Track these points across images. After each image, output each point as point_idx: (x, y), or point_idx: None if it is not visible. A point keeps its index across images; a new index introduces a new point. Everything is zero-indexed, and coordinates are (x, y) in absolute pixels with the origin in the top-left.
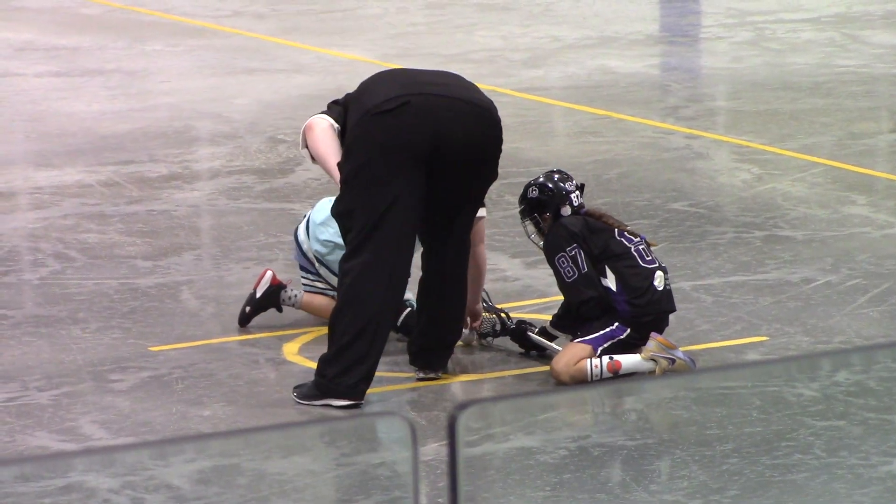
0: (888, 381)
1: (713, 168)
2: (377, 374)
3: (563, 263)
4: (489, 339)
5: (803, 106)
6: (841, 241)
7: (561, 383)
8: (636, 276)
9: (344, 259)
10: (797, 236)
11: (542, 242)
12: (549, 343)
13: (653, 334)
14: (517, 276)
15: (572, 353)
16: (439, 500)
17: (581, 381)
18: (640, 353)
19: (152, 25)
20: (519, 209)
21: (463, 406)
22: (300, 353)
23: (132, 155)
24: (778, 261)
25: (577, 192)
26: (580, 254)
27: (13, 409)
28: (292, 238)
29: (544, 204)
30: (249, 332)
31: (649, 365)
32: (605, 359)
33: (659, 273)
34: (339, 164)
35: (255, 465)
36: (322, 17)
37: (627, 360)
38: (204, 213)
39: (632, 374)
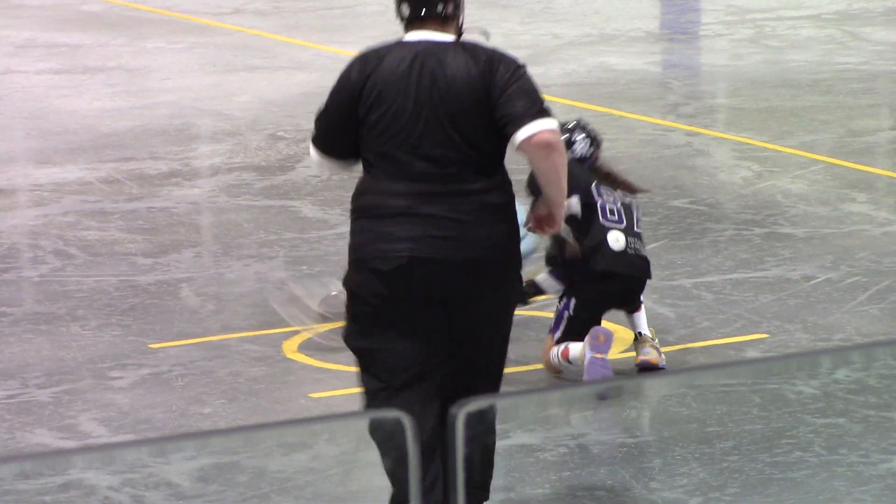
0: (888, 378)
1: (713, 165)
2: None
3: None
4: None
5: (803, 103)
6: (841, 239)
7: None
8: (589, 232)
9: None
10: (797, 233)
11: None
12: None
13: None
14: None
15: (546, 347)
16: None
17: (557, 372)
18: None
19: (153, 22)
20: None
21: (463, 404)
22: (300, 350)
23: (133, 152)
24: (778, 258)
25: (587, 143)
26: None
27: (13, 407)
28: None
29: None
30: (249, 330)
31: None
32: (561, 347)
33: (615, 233)
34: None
35: (255, 463)
36: (322, 15)
37: (574, 348)
38: (204, 210)
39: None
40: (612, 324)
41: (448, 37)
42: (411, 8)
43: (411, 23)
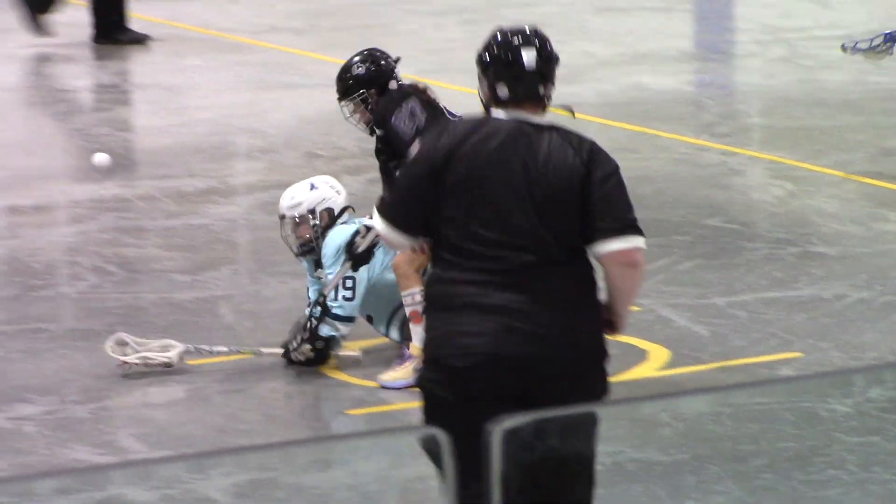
0: None
1: (747, 184)
2: (411, 390)
3: (399, 123)
4: None
5: (836, 122)
6: (874, 258)
7: None
8: None
9: None
10: (830, 253)
11: (363, 122)
12: None
13: None
14: None
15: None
16: None
17: None
18: None
19: (191, 40)
20: (342, 89)
21: (499, 421)
22: (337, 367)
23: (170, 169)
24: (811, 277)
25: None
26: (417, 105)
27: (51, 423)
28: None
29: (372, 80)
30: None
31: None
32: (419, 305)
33: None
34: None
35: (292, 479)
36: (359, 33)
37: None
38: (241, 227)
39: None
40: (646, 342)
41: (541, 118)
42: (511, 89)
43: (503, 103)
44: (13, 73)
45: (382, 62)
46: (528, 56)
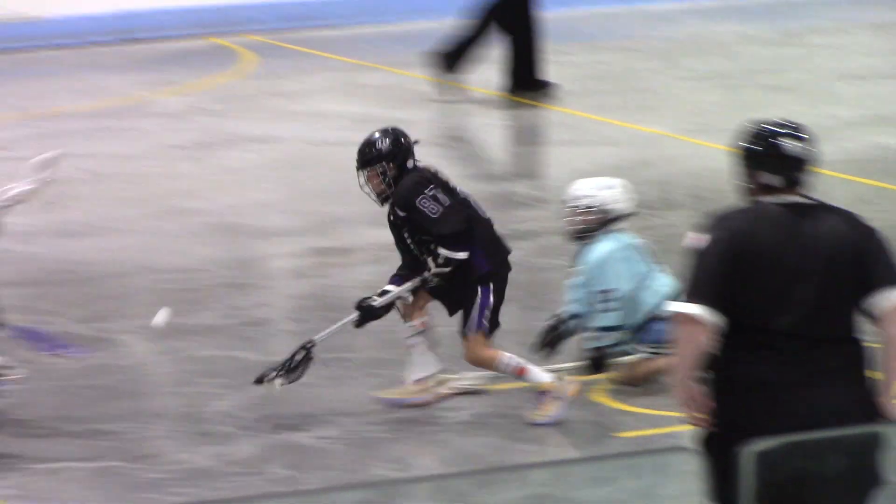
0: None
1: None
2: (668, 413)
3: (425, 203)
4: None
5: None
6: None
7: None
8: (483, 228)
9: None
10: None
11: (376, 193)
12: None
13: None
14: None
15: (474, 344)
16: None
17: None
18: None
19: (476, 102)
20: (364, 159)
21: (748, 445)
22: (605, 394)
23: None
24: None
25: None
26: (439, 192)
27: (353, 442)
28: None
29: (393, 155)
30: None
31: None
32: (511, 360)
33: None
34: None
35: (566, 495)
36: (627, 96)
37: (537, 373)
38: (521, 268)
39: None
40: None
41: (806, 199)
42: (780, 178)
43: (771, 190)
44: (326, 129)
45: (403, 140)
46: (795, 146)
